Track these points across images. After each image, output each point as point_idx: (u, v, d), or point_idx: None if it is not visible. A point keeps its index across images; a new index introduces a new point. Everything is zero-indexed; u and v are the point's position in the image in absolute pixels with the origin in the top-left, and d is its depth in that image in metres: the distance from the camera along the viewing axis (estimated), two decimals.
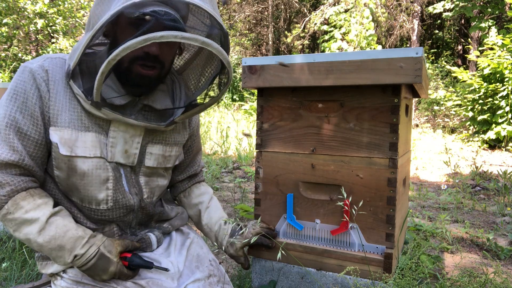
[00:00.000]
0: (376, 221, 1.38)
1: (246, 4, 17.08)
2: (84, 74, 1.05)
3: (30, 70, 1.03)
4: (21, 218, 1.01)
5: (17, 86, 1.03)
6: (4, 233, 2.22)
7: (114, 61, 0.92)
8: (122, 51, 0.91)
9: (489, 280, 1.31)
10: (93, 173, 1.08)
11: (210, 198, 1.47)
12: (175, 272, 1.19)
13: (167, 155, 1.24)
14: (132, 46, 0.91)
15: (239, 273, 1.85)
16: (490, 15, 11.18)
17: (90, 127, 1.07)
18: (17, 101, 1.02)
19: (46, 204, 1.04)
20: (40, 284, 1.51)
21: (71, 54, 1.03)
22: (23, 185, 1.02)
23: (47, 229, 1.01)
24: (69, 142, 1.04)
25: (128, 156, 1.13)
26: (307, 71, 1.40)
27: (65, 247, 1.01)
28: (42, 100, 1.03)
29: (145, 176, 1.20)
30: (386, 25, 11.47)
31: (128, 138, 1.12)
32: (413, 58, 1.24)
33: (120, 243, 1.09)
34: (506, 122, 6.63)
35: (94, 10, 0.99)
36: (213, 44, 0.98)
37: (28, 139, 1.03)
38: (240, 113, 10.12)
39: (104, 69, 0.94)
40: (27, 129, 1.02)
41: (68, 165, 1.06)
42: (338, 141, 1.43)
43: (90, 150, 1.07)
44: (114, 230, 1.17)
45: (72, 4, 10.29)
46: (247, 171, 4.49)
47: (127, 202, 1.15)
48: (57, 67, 1.06)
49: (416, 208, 3.22)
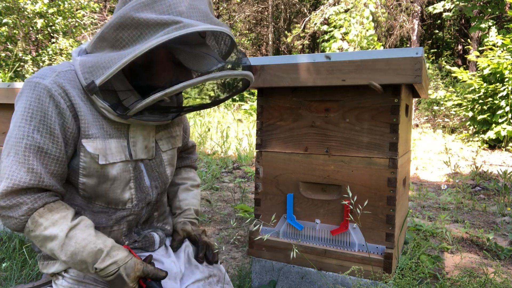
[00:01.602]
0: (376, 221, 1.37)
1: (246, 4, 17.08)
2: (107, 89, 1.07)
3: (45, 87, 1.01)
4: (42, 235, 1.01)
5: (31, 105, 1.01)
6: (4, 233, 2.22)
7: (171, 94, 0.97)
8: (183, 87, 0.96)
9: (489, 280, 1.31)
10: (120, 176, 1.11)
11: (195, 185, 1.49)
12: (177, 272, 1.20)
13: (175, 135, 1.30)
14: (194, 84, 0.96)
15: (239, 273, 1.86)
16: (490, 15, 11.18)
17: (112, 133, 1.10)
18: (33, 120, 1.00)
19: (65, 218, 1.03)
20: (40, 284, 1.51)
21: (92, 69, 1.02)
22: (39, 202, 1.01)
23: (67, 244, 1.01)
24: (102, 151, 1.07)
25: (148, 150, 1.18)
26: (307, 71, 1.40)
27: (87, 261, 1.01)
28: (63, 116, 1.03)
29: (170, 166, 1.26)
30: (386, 25, 11.47)
31: (146, 135, 1.17)
32: (413, 58, 1.24)
33: (142, 268, 1.05)
34: (506, 122, 6.64)
35: (117, 33, 1.00)
36: (250, 74, 1.07)
37: (49, 157, 1.02)
38: (240, 113, 10.12)
39: (156, 97, 0.98)
40: (47, 147, 1.01)
41: (101, 172, 1.08)
42: (338, 141, 1.43)
43: (116, 156, 1.10)
44: (123, 229, 1.18)
45: (72, 4, 10.29)
46: (247, 171, 4.49)
47: (146, 196, 1.19)
48: (72, 81, 1.06)
49: (416, 208, 3.22)
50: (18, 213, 1.00)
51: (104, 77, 1.00)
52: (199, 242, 1.31)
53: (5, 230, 2.24)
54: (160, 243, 1.26)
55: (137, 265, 1.05)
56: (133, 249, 1.20)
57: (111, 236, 1.15)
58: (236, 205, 3.02)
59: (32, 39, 10.65)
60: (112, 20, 1.01)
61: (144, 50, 0.93)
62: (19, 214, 1.00)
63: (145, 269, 1.06)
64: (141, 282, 1.06)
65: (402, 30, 11.89)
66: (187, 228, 1.33)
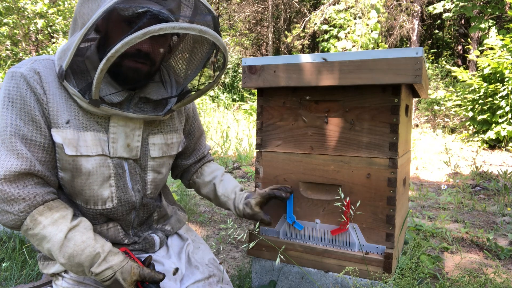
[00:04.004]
0: (376, 221, 1.38)
1: (246, 4, 17.08)
2: (77, 73, 1.04)
3: (21, 75, 1.00)
4: (41, 234, 0.99)
5: (10, 93, 0.99)
6: (4, 233, 2.22)
7: (113, 58, 0.92)
8: (121, 47, 0.90)
9: (489, 280, 1.31)
10: (97, 171, 1.07)
11: (222, 173, 1.48)
12: (177, 273, 1.20)
13: (170, 143, 1.24)
14: (131, 42, 0.90)
15: (239, 273, 1.86)
16: (490, 15, 11.18)
17: (88, 126, 1.06)
18: (14, 108, 0.99)
19: (64, 218, 1.02)
20: (40, 284, 1.52)
21: (61, 55, 1.02)
22: (39, 199, 0.99)
23: (65, 246, 0.99)
24: (73, 141, 1.03)
25: (131, 149, 1.13)
26: (307, 71, 1.40)
27: (84, 265, 1.00)
28: (40, 102, 1.01)
29: (153, 172, 1.20)
30: (386, 25, 11.47)
31: (129, 132, 1.12)
32: (413, 58, 1.24)
33: (139, 272, 1.05)
34: (506, 122, 6.63)
35: (80, 10, 0.99)
36: (210, 32, 0.99)
37: (34, 145, 1.00)
38: (241, 113, 10.12)
39: (104, 67, 0.93)
40: (31, 135, 1.00)
41: (73, 165, 1.05)
42: (338, 141, 1.43)
43: (92, 149, 1.06)
44: (118, 227, 1.17)
45: (72, 4, 10.30)
46: (247, 171, 4.49)
47: (129, 198, 1.14)
48: (48, 68, 1.04)
49: (416, 208, 3.22)
50: (16, 208, 0.97)
51: (67, 59, 0.97)
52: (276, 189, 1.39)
53: (5, 230, 2.24)
54: (160, 244, 1.26)
55: (134, 269, 1.04)
56: (133, 251, 1.19)
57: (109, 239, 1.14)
58: None
59: (32, 39, 10.65)
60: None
61: (96, 17, 0.90)
62: (17, 210, 0.97)
63: (141, 272, 1.05)
64: (139, 285, 1.06)
65: (402, 30, 11.89)
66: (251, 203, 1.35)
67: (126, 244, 1.18)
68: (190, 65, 1.24)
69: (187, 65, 1.25)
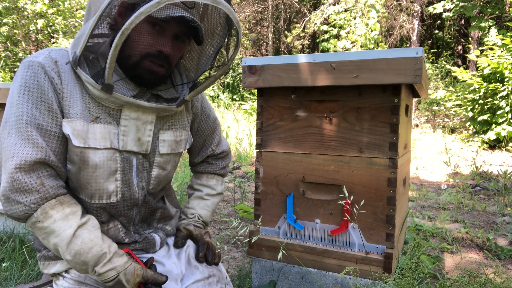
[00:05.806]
0: (376, 221, 1.38)
1: (246, 4, 17.08)
2: (90, 60, 1.04)
3: (39, 64, 1.00)
4: (50, 228, 0.98)
5: (27, 82, 0.99)
6: (4, 233, 2.22)
7: (128, 30, 0.90)
8: (136, 18, 0.89)
9: (489, 280, 1.31)
10: (104, 165, 1.06)
11: (211, 194, 1.44)
12: (178, 273, 1.20)
13: (178, 140, 1.23)
14: (146, 11, 0.89)
15: (239, 273, 1.86)
16: (490, 15, 11.18)
17: (99, 117, 1.05)
18: (31, 97, 0.98)
19: (74, 214, 1.01)
20: (40, 284, 1.52)
21: (75, 42, 1.01)
22: (52, 193, 0.99)
23: (73, 243, 0.99)
24: (82, 133, 1.02)
25: (141, 144, 1.12)
26: (307, 71, 1.40)
27: (89, 263, 1.00)
28: (57, 92, 1.00)
29: (159, 168, 1.20)
30: (386, 25, 11.47)
31: (140, 126, 1.11)
32: (413, 58, 1.24)
33: (142, 274, 1.04)
34: (506, 122, 6.63)
35: None
36: (223, 2, 0.98)
37: (49, 135, 1.00)
38: (241, 113, 10.12)
39: (118, 41, 0.92)
40: (47, 124, 0.99)
41: (80, 157, 1.04)
42: (338, 141, 1.43)
43: (100, 142, 1.05)
44: (118, 226, 1.17)
45: (72, 4, 10.30)
46: (247, 171, 4.49)
47: (132, 195, 1.14)
48: (64, 58, 1.04)
49: (416, 208, 3.22)
50: (28, 199, 0.96)
51: (81, 44, 0.97)
52: (200, 241, 1.30)
53: (5, 230, 2.24)
54: (161, 244, 1.26)
55: (137, 270, 1.04)
56: (134, 250, 1.19)
57: (109, 236, 1.14)
58: (236, 205, 3.02)
59: (32, 39, 10.65)
60: None
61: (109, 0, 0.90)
62: (29, 201, 0.96)
63: (145, 274, 1.04)
64: (141, 287, 1.06)
65: (402, 30, 11.88)
66: (189, 227, 1.33)
67: (127, 243, 1.18)
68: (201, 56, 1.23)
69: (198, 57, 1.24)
